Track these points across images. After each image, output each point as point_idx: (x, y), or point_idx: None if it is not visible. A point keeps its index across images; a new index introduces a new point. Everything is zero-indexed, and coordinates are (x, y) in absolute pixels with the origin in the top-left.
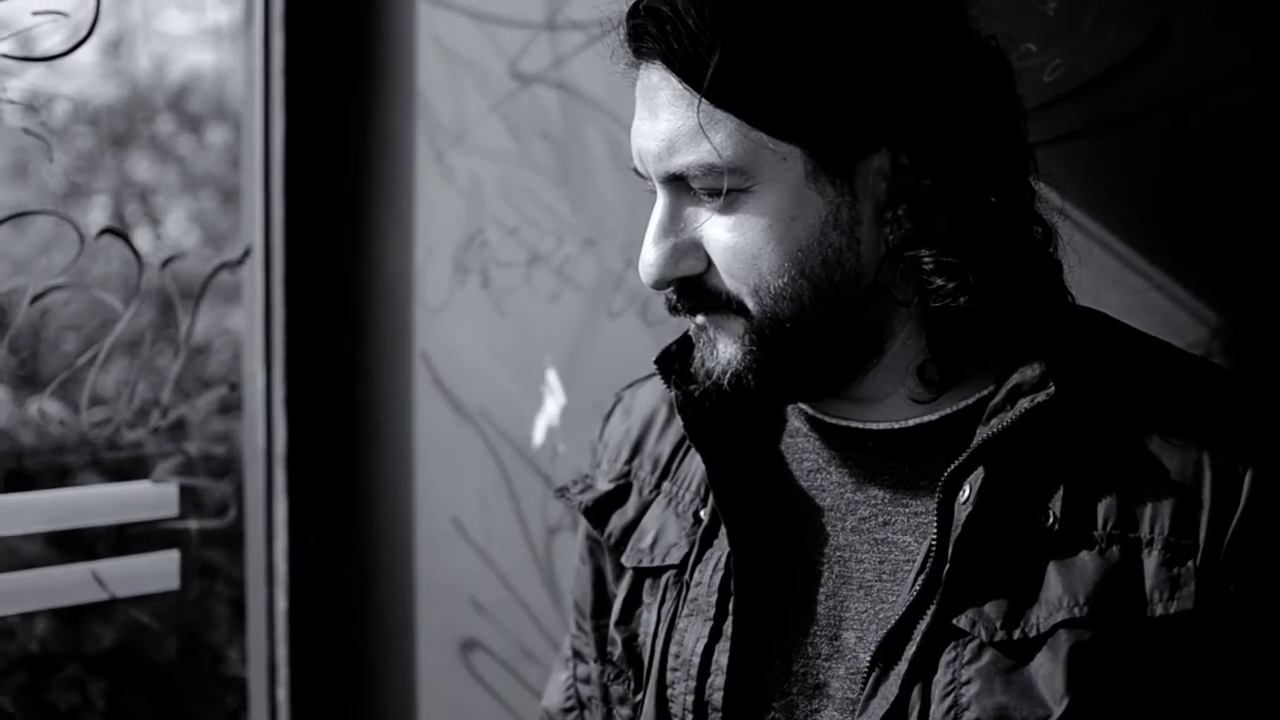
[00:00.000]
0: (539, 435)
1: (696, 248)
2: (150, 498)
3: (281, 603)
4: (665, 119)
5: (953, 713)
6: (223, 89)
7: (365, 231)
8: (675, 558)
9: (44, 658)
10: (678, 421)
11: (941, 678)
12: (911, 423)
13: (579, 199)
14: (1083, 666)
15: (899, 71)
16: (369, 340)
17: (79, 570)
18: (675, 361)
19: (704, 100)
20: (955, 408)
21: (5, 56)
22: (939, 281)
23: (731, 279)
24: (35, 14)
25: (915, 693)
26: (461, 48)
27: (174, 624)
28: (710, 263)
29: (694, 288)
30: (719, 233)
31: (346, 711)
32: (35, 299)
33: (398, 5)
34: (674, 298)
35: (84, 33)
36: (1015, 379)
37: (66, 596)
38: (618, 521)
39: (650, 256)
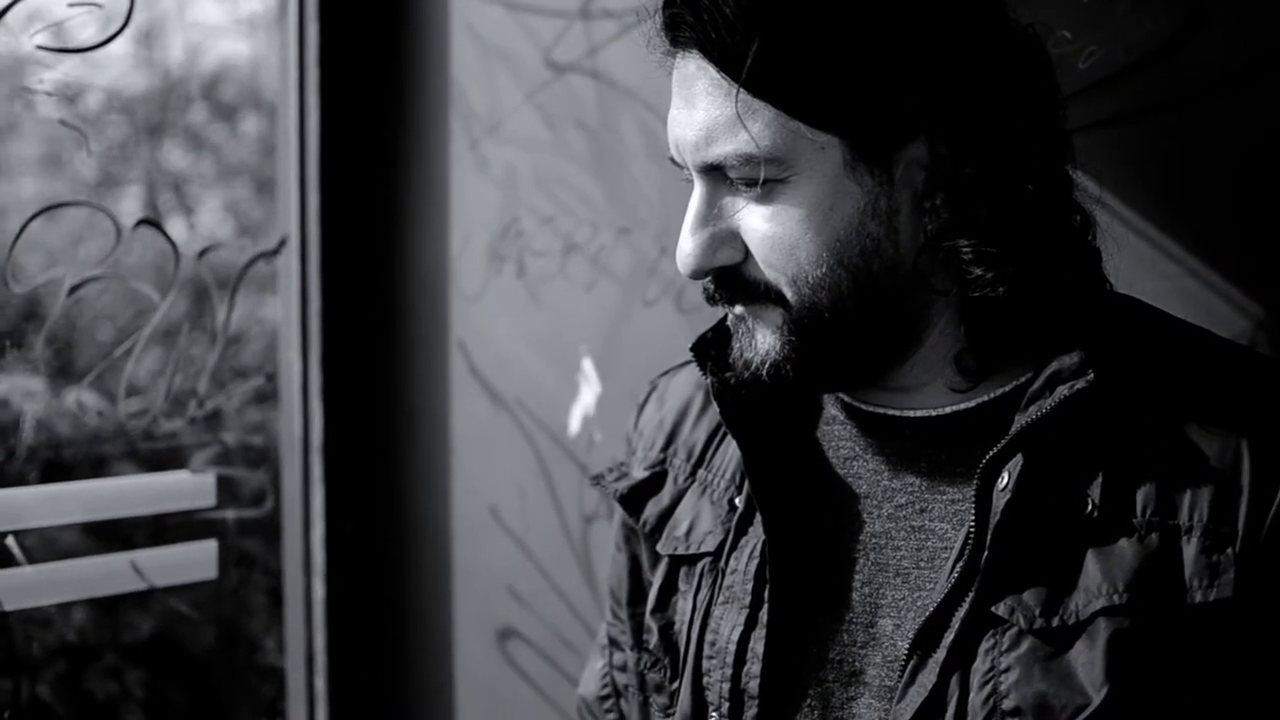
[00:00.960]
0: (575, 424)
1: (734, 237)
2: (188, 488)
3: (319, 592)
4: (702, 108)
5: (991, 700)
6: (256, 78)
7: (401, 221)
8: (710, 545)
9: (82, 647)
10: (713, 409)
11: (980, 665)
12: (949, 410)
13: (614, 188)
14: (1122, 654)
15: (938, 60)
16: (405, 330)
17: (118, 560)
18: (711, 349)
19: (741, 89)
20: (993, 395)
21: (41, 49)
22: (978, 271)
23: (769, 269)
24: (71, 5)
25: (954, 680)
26: (496, 37)
27: (211, 613)
28: (748, 252)
29: (732, 278)
30: (756, 222)
31: (384, 700)
32: (73, 290)
33: None
34: (711, 287)
35: (120, 23)
36: (1054, 366)
37: (105, 586)
38: (653, 509)
39: (687, 246)
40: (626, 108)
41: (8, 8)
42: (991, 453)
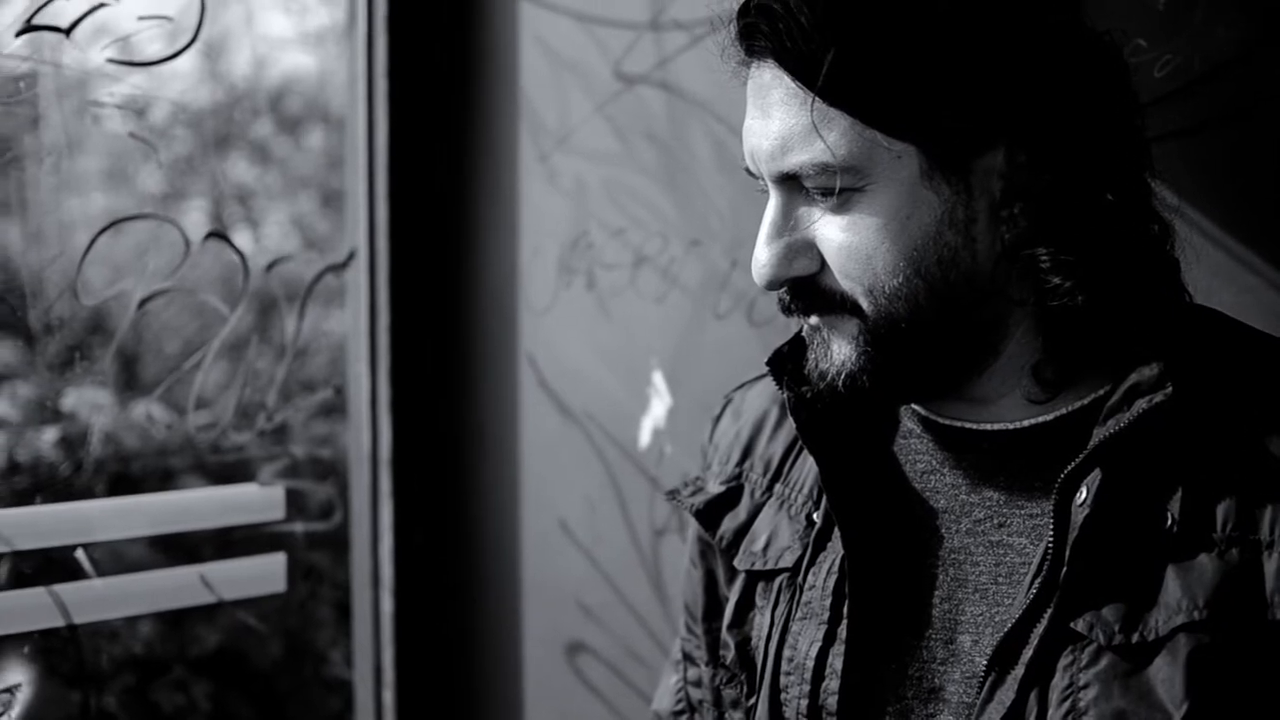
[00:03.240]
0: (645, 437)
1: (810, 248)
2: (257, 501)
3: (387, 605)
4: (778, 118)
5: (1070, 717)
6: (322, 91)
7: (469, 234)
8: (788, 560)
9: (149, 660)
10: (789, 423)
11: (1059, 682)
12: (1027, 423)
13: (684, 200)
14: (1202, 671)
15: (1015, 67)
16: (474, 343)
17: (187, 573)
18: (787, 362)
19: (817, 99)
20: (1071, 408)
21: (112, 62)
22: (1056, 280)
23: (846, 279)
24: (141, 19)
25: (1032, 697)
26: (564, 49)
27: (279, 626)
28: (824, 263)
29: (807, 288)
30: (833, 232)
31: (453, 714)
32: (143, 303)
33: (500, 7)
34: (787, 298)
35: (189, 37)
36: (1133, 378)
37: (174, 599)
38: (729, 524)
39: (763, 257)
40: (697, 119)
41: (77, 21)
42: (1070, 467)
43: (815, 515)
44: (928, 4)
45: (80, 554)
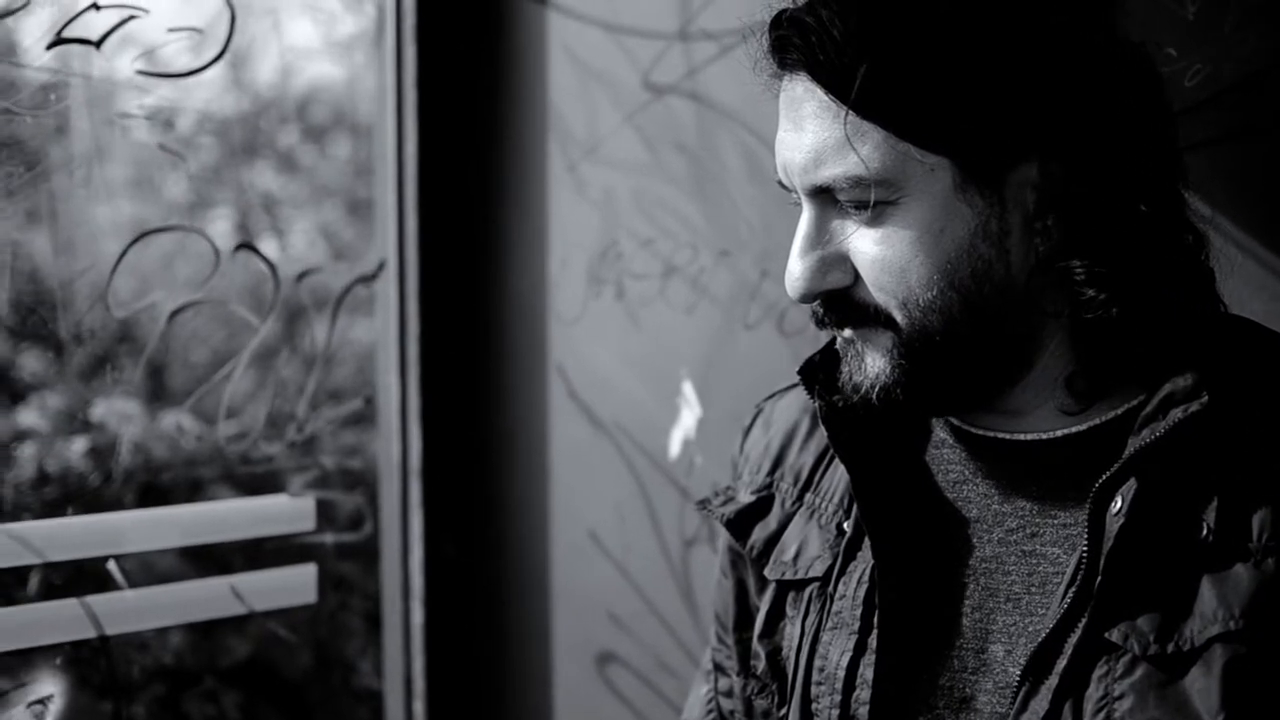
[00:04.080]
0: (675, 447)
1: (843, 261)
2: (287, 511)
3: (417, 616)
4: (811, 131)
5: None
6: (348, 100)
7: (498, 244)
8: (819, 570)
9: (180, 670)
10: (820, 432)
11: (1094, 692)
12: (1060, 434)
13: (714, 210)
14: (1238, 681)
15: (1048, 79)
16: (503, 353)
17: (218, 584)
18: (818, 372)
19: (850, 112)
20: (1104, 418)
21: (142, 73)
22: (1090, 292)
23: (880, 292)
24: (171, 30)
25: (1066, 708)
26: (594, 58)
27: (309, 637)
28: (857, 276)
29: (841, 301)
30: (866, 245)
31: None
32: (174, 314)
33: (529, 17)
34: (820, 311)
35: (218, 48)
36: (1167, 388)
37: (205, 610)
38: (760, 534)
39: (796, 270)
40: (726, 129)
41: (107, 34)
42: (1105, 476)
43: (846, 524)
44: (961, 17)
45: (112, 565)
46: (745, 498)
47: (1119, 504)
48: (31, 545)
